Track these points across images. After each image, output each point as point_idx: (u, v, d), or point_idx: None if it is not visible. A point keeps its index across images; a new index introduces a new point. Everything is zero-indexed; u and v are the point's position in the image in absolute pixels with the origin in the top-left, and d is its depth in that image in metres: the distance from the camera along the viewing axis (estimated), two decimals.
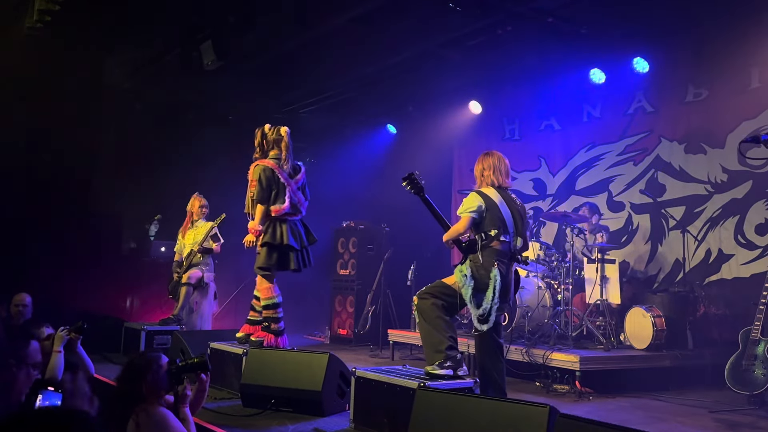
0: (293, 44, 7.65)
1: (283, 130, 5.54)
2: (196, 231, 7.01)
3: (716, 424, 4.68)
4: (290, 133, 5.56)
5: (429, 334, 4.19)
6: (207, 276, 6.87)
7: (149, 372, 2.91)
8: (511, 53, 7.52)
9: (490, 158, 4.74)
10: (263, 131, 5.50)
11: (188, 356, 5.41)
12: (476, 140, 9.75)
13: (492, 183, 4.60)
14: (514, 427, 3.02)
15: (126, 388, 2.91)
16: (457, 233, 4.39)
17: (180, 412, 3.01)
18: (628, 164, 7.80)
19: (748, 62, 6.61)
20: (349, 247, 9.14)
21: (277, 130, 5.51)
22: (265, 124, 5.57)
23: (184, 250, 7.04)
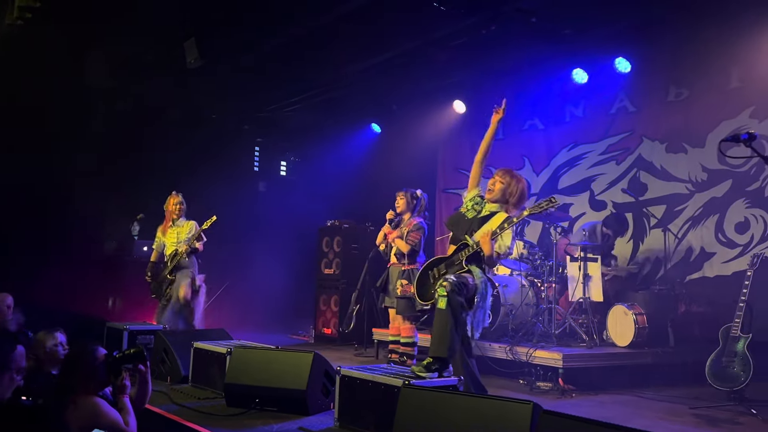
0: (277, 43, 7.64)
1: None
2: (179, 229, 6.94)
3: (697, 420, 4.74)
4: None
5: (449, 331, 4.15)
6: (199, 279, 6.87)
7: (82, 363, 2.99)
8: (495, 53, 7.56)
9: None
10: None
11: (171, 356, 5.41)
12: (460, 139, 9.78)
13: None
14: (498, 424, 3.03)
15: (62, 380, 3.01)
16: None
17: (119, 402, 3.09)
18: (610, 163, 7.88)
19: (728, 62, 6.70)
20: (333, 246, 9.13)
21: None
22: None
23: (166, 249, 6.97)
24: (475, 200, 4.67)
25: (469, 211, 4.61)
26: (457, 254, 4.46)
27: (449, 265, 4.48)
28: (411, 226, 5.82)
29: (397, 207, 5.98)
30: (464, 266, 4.36)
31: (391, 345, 6.01)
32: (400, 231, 5.86)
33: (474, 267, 4.39)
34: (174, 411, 4.33)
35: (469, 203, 4.65)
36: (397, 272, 5.82)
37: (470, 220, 4.56)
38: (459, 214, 4.67)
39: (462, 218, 4.61)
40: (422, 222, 5.90)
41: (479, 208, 4.60)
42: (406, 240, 5.77)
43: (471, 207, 4.63)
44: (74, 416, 2.88)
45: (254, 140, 11.21)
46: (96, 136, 8.82)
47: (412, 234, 5.79)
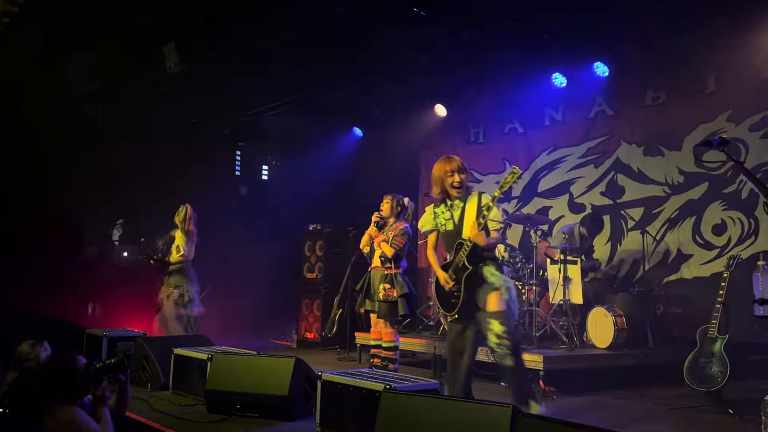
0: (258, 47, 7.62)
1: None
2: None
3: (675, 420, 4.79)
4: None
5: (523, 373, 4.36)
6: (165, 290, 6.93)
7: (61, 372, 2.97)
8: (475, 57, 7.60)
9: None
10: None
11: (151, 362, 5.37)
12: (442, 143, 9.83)
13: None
14: (477, 427, 3.05)
15: (39, 389, 2.98)
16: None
17: (98, 412, 3.08)
18: (589, 167, 7.96)
19: (705, 67, 6.80)
20: (316, 251, 9.12)
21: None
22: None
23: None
24: (441, 212, 4.55)
25: (447, 223, 4.50)
26: (457, 255, 4.36)
27: (456, 270, 4.35)
28: (397, 231, 5.82)
29: (381, 210, 5.98)
30: (468, 266, 4.26)
31: (373, 350, 6.01)
32: (386, 235, 5.87)
33: (489, 268, 4.31)
34: (154, 418, 4.30)
35: (441, 220, 4.53)
36: (379, 276, 5.82)
37: (456, 228, 4.44)
38: (445, 234, 4.51)
39: (449, 234, 4.49)
40: (408, 227, 5.91)
41: (450, 213, 4.49)
42: (391, 244, 5.78)
43: (444, 221, 4.51)
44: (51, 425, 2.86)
45: (235, 144, 11.16)
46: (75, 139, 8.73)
47: (398, 238, 5.79)
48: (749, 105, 6.56)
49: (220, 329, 8.83)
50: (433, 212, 4.59)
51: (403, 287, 5.72)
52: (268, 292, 10.11)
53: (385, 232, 5.89)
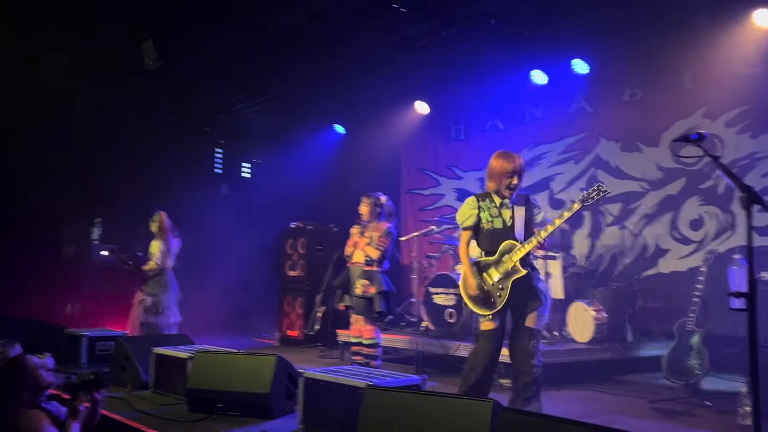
0: (238, 44, 7.58)
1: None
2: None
3: (655, 413, 4.86)
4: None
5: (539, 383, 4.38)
6: (137, 294, 6.92)
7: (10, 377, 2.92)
8: (455, 54, 7.62)
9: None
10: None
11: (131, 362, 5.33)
12: (424, 140, 9.86)
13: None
14: (458, 421, 3.08)
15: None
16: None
17: (67, 426, 2.99)
18: (569, 163, 8.02)
19: (682, 64, 6.88)
20: (297, 248, 9.10)
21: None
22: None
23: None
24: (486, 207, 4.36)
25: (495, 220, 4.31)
26: (506, 256, 4.21)
27: (505, 271, 4.20)
28: (380, 231, 5.82)
29: (361, 213, 5.98)
30: (521, 269, 4.16)
31: (354, 347, 6.01)
32: (369, 236, 5.86)
33: (535, 274, 4.33)
34: (135, 418, 4.27)
35: (487, 215, 4.33)
36: (359, 272, 5.83)
37: (507, 228, 4.29)
38: (491, 231, 4.31)
39: (497, 233, 4.30)
40: (392, 227, 5.90)
41: (499, 211, 4.34)
42: (376, 245, 5.78)
43: (491, 218, 4.32)
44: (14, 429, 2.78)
45: (216, 142, 11.10)
46: (53, 137, 8.64)
47: (382, 239, 5.79)
48: (725, 101, 6.65)
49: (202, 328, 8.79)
50: (478, 206, 4.38)
51: (381, 284, 5.72)
52: (249, 290, 10.08)
53: (368, 233, 5.88)
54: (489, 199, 4.36)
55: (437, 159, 9.74)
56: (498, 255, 4.26)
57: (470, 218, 4.38)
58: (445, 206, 9.50)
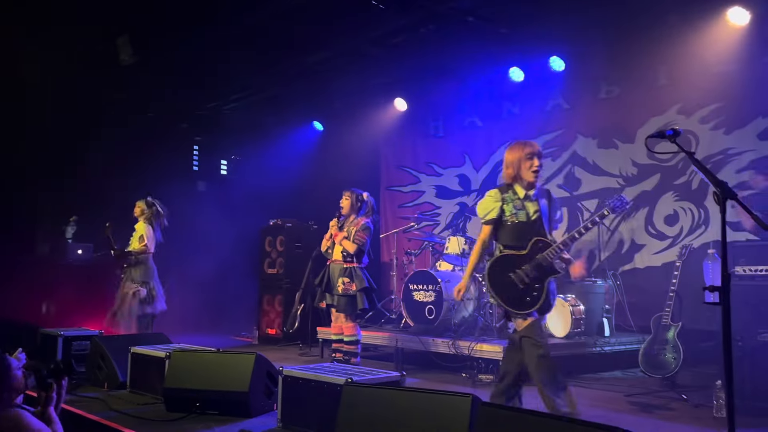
0: (216, 40, 7.52)
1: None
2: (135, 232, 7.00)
3: (631, 407, 4.92)
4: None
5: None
6: (128, 285, 6.78)
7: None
8: (434, 51, 7.63)
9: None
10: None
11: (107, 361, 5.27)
12: (402, 137, 9.87)
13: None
14: (438, 416, 3.09)
15: None
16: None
17: (45, 413, 3.00)
18: (546, 160, 8.01)
19: (656, 61, 6.96)
20: (276, 246, 9.06)
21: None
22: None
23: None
24: (510, 199, 4.05)
25: (520, 213, 4.02)
26: (539, 254, 3.93)
27: (539, 268, 3.92)
28: (358, 226, 5.82)
29: (341, 207, 5.97)
30: (557, 270, 3.96)
31: (335, 344, 6.01)
32: (347, 231, 5.85)
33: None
34: (112, 418, 4.23)
35: (510, 208, 4.03)
36: (339, 270, 5.82)
37: (533, 221, 4.02)
38: (515, 225, 4.01)
39: (521, 227, 4.01)
40: (369, 222, 5.91)
41: (522, 203, 4.05)
42: (353, 240, 5.78)
43: (514, 210, 4.03)
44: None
45: (193, 139, 10.99)
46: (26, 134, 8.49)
47: (359, 234, 5.79)
48: (699, 98, 6.74)
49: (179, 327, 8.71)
50: (501, 198, 4.07)
51: (362, 281, 5.73)
52: (228, 288, 10.02)
53: (346, 228, 5.88)
54: (512, 191, 4.07)
55: (416, 156, 9.76)
56: (529, 251, 3.96)
57: (493, 211, 4.07)
58: (425, 203, 9.52)
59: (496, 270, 4.02)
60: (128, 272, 6.82)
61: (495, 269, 4.03)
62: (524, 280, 3.92)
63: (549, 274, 3.94)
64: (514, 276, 3.95)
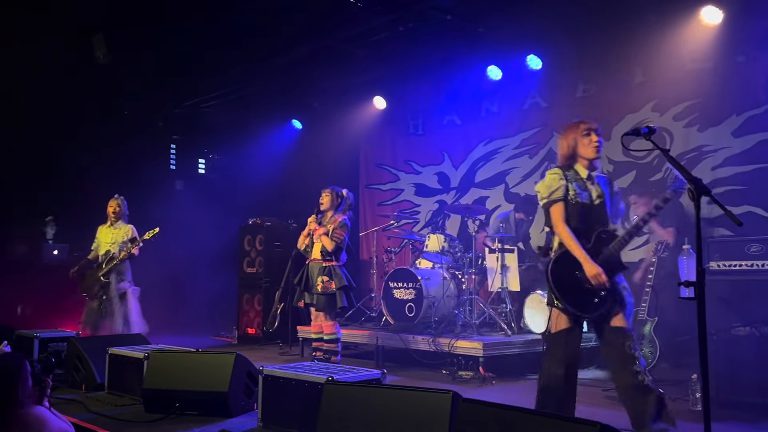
0: (193, 38, 7.46)
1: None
2: (115, 231, 6.89)
3: (609, 401, 4.96)
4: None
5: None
6: (123, 286, 6.75)
7: (19, 376, 2.86)
8: (413, 49, 7.65)
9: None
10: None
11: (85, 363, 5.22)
12: (382, 135, 9.87)
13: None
14: (419, 413, 3.10)
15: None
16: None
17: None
18: (524, 157, 8.13)
19: (632, 60, 7.03)
20: (255, 245, 9.02)
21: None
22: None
23: (100, 249, 6.87)
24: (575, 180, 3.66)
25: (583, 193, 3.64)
26: (606, 247, 3.55)
27: (609, 263, 3.53)
28: (336, 224, 5.81)
29: (321, 204, 5.96)
30: (624, 266, 3.62)
31: (315, 343, 6.00)
32: (325, 228, 5.85)
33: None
34: (90, 420, 4.19)
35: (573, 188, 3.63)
36: (318, 268, 5.81)
37: (596, 206, 3.64)
38: (579, 207, 3.61)
39: (585, 210, 3.62)
40: (346, 219, 5.91)
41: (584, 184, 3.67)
42: (332, 237, 5.77)
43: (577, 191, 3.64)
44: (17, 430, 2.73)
45: (170, 137, 10.90)
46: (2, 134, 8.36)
47: (338, 231, 5.79)
48: (673, 95, 6.82)
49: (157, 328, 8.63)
50: (564, 175, 3.66)
51: (341, 279, 5.73)
52: (207, 288, 9.96)
53: (325, 225, 5.88)
54: (573, 171, 3.67)
55: (395, 154, 9.76)
56: (593, 244, 3.53)
57: (559, 189, 3.62)
58: (404, 201, 9.54)
59: (559, 267, 3.55)
60: (116, 273, 6.73)
61: (558, 266, 3.56)
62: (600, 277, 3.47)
63: (618, 270, 3.55)
64: (580, 274, 3.48)
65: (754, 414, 4.38)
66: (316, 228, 5.88)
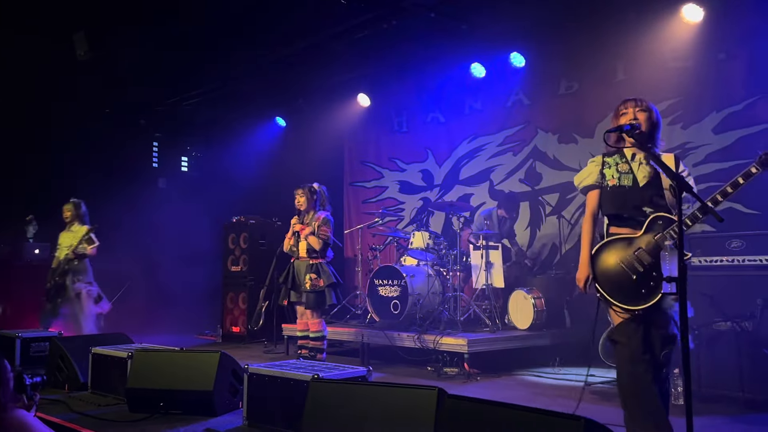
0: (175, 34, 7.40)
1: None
2: (72, 235, 6.90)
3: (592, 396, 5.02)
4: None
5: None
6: (78, 286, 6.75)
7: (1, 378, 2.82)
8: (397, 47, 7.65)
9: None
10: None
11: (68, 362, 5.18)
12: (366, 132, 9.86)
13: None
14: (405, 410, 3.11)
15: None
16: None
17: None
18: (507, 154, 8.17)
19: (614, 57, 7.09)
20: (240, 243, 8.98)
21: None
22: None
23: (60, 254, 6.90)
24: (613, 163, 3.43)
25: (624, 177, 3.38)
26: (656, 235, 3.21)
27: (653, 252, 3.20)
28: (320, 221, 5.81)
29: (298, 205, 5.96)
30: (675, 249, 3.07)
31: (301, 341, 5.99)
32: (311, 227, 5.83)
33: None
34: (73, 420, 4.15)
35: (612, 172, 3.41)
36: (305, 266, 5.80)
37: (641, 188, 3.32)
38: (614, 190, 3.38)
39: (622, 192, 3.36)
40: (329, 215, 5.91)
41: (629, 166, 3.39)
42: (318, 235, 5.76)
43: (618, 173, 3.39)
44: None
45: (152, 135, 10.81)
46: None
47: (323, 228, 5.78)
48: (655, 93, 6.84)
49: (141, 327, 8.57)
50: (603, 162, 3.47)
51: (329, 276, 5.74)
52: (191, 286, 9.90)
53: (309, 223, 5.87)
54: (620, 155, 3.43)
55: (379, 151, 9.76)
56: (645, 230, 3.25)
57: (589, 177, 3.48)
58: (388, 198, 9.55)
59: (601, 256, 3.37)
60: (71, 274, 6.76)
61: (600, 255, 3.38)
62: (637, 267, 3.21)
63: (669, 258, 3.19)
64: (624, 264, 3.25)
65: (736, 408, 4.45)
66: (303, 228, 5.87)
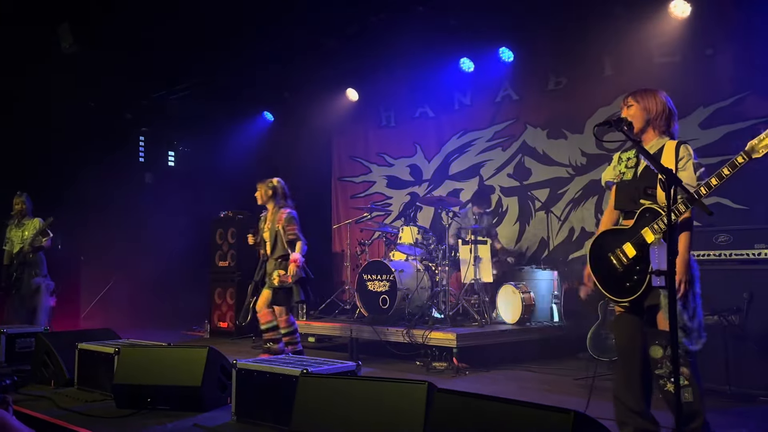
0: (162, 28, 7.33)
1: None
2: (24, 228, 7.02)
3: (580, 390, 5.03)
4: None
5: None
6: (36, 281, 6.84)
7: None
8: (385, 41, 7.61)
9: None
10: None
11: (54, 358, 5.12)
12: (354, 127, 9.83)
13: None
14: (395, 404, 3.10)
15: None
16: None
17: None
18: (497, 150, 8.18)
19: (602, 52, 7.11)
20: (227, 238, 8.93)
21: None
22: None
23: (13, 248, 7.00)
24: (626, 158, 3.41)
25: (628, 171, 3.36)
26: (648, 225, 3.13)
27: (640, 244, 3.14)
28: (282, 222, 5.77)
29: (257, 199, 5.97)
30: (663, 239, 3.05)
31: (266, 335, 5.97)
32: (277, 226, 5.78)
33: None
34: (59, 416, 4.10)
35: (622, 167, 3.39)
36: (274, 263, 5.79)
37: (636, 180, 3.29)
38: (618, 185, 3.39)
39: (621, 187, 3.36)
40: (292, 211, 5.86)
41: (635, 161, 3.34)
42: (286, 237, 5.73)
43: (625, 169, 3.37)
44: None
45: (138, 129, 10.71)
46: None
47: (289, 228, 5.75)
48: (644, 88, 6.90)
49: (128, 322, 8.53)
50: (618, 157, 3.46)
51: (297, 273, 5.68)
52: (178, 282, 9.85)
53: (269, 221, 5.84)
54: (633, 150, 3.41)
55: (368, 146, 9.74)
56: (635, 223, 3.20)
57: (608, 172, 3.52)
58: (376, 193, 9.53)
59: (595, 247, 3.37)
60: (27, 267, 6.84)
61: (595, 246, 3.38)
62: (622, 259, 3.19)
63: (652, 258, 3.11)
64: (612, 256, 3.24)
65: (723, 401, 4.48)
66: (264, 226, 5.88)
